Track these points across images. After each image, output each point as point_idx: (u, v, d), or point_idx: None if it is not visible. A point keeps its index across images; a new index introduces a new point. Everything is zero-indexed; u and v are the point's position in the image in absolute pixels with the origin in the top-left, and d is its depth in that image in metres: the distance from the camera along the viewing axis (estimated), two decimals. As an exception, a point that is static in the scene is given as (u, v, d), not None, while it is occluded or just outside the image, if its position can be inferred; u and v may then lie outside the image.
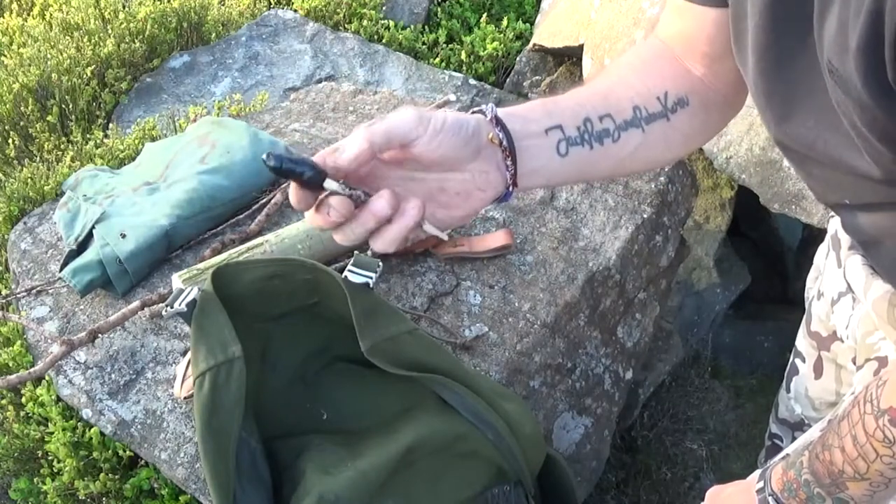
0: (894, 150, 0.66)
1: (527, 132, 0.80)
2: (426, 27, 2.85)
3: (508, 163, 0.79)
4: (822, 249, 1.17)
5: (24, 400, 1.37)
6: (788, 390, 1.30)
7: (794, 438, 1.35)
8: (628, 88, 0.88)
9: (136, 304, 1.34)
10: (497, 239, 1.44)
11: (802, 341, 1.23)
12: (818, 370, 1.20)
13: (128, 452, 1.30)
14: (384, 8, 2.78)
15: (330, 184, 0.69)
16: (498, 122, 0.79)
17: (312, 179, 0.68)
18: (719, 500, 1.01)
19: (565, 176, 0.85)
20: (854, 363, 1.07)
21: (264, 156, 0.66)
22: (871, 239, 0.91)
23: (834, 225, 1.08)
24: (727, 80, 0.90)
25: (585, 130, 0.83)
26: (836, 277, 1.07)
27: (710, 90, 0.91)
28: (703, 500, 1.05)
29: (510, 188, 0.80)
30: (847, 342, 1.06)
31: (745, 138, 1.88)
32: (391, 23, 2.67)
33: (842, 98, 0.66)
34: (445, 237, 0.78)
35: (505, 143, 0.78)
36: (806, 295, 1.25)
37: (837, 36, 0.62)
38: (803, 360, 1.23)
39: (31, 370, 1.29)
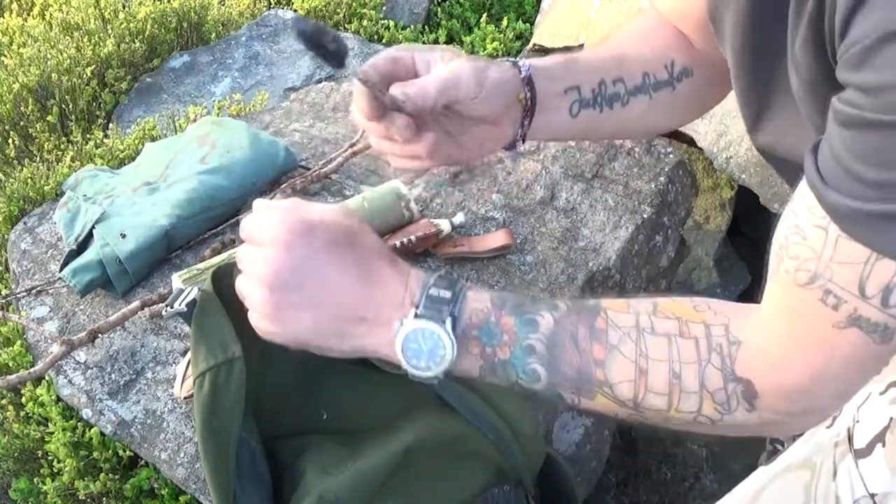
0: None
1: (550, 92, 0.84)
2: (426, 27, 2.84)
3: (526, 121, 0.82)
4: None
5: (24, 400, 1.37)
6: None
7: (793, 440, 1.35)
8: (639, 54, 0.91)
9: (136, 304, 1.34)
10: (497, 239, 1.44)
11: None
12: None
13: (128, 452, 1.30)
14: (384, 8, 2.78)
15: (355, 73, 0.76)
16: (529, 80, 0.82)
17: (336, 56, 0.71)
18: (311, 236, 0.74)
19: (570, 134, 0.90)
20: None
21: (291, 22, 0.70)
22: None
23: None
24: (722, 56, 0.91)
25: (599, 93, 0.87)
26: None
27: (708, 63, 0.93)
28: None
29: (518, 143, 0.85)
30: None
31: (745, 138, 1.88)
32: (391, 23, 2.67)
33: (799, 90, 0.67)
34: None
35: (530, 104, 0.81)
36: None
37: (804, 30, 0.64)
38: None
39: (31, 370, 1.29)
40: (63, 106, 2.16)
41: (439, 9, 2.88)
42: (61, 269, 1.43)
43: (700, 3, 0.88)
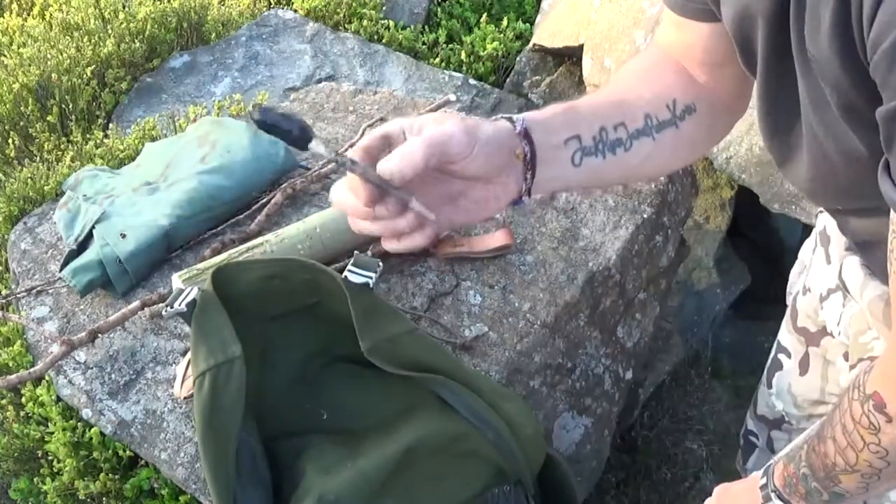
0: (866, 139, 0.68)
1: (548, 144, 0.82)
2: (426, 27, 2.84)
3: (528, 175, 0.81)
4: (808, 245, 1.18)
5: (24, 400, 1.37)
6: (770, 386, 1.30)
7: (769, 437, 1.35)
8: (638, 97, 0.90)
9: (136, 304, 1.34)
10: (497, 239, 1.44)
11: (787, 337, 1.23)
12: (804, 366, 1.20)
13: (128, 452, 1.30)
14: (384, 8, 2.78)
15: (317, 145, 0.69)
16: (526, 135, 0.80)
17: (298, 139, 0.68)
18: (727, 497, 1.01)
19: (576, 184, 0.88)
20: (845, 359, 1.08)
21: (251, 107, 0.66)
22: (865, 241, 0.92)
23: (822, 221, 1.09)
24: (728, 87, 0.91)
25: (600, 140, 0.85)
26: (824, 274, 1.07)
27: (714, 96, 0.92)
28: (703, 500, 1.04)
29: (524, 197, 0.82)
30: (839, 338, 1.06)
31: (745, 138, 1.88)
32: (391, 23, 2.67)
33: (817, 88, 0.67)
34: (432, 216, 0.76)
35: (529, 157, 0.80)
36: (789, 290, 1.25)
37: (811, 20, 0.64)
38: (788, 356, 1.23)
39: (31, 370, 1.29)
40: (63, 106, 2.16)
41: (439, 9, 2.88)
42: (61, 269, 1.43)
43: (703, 35, 0.88)
